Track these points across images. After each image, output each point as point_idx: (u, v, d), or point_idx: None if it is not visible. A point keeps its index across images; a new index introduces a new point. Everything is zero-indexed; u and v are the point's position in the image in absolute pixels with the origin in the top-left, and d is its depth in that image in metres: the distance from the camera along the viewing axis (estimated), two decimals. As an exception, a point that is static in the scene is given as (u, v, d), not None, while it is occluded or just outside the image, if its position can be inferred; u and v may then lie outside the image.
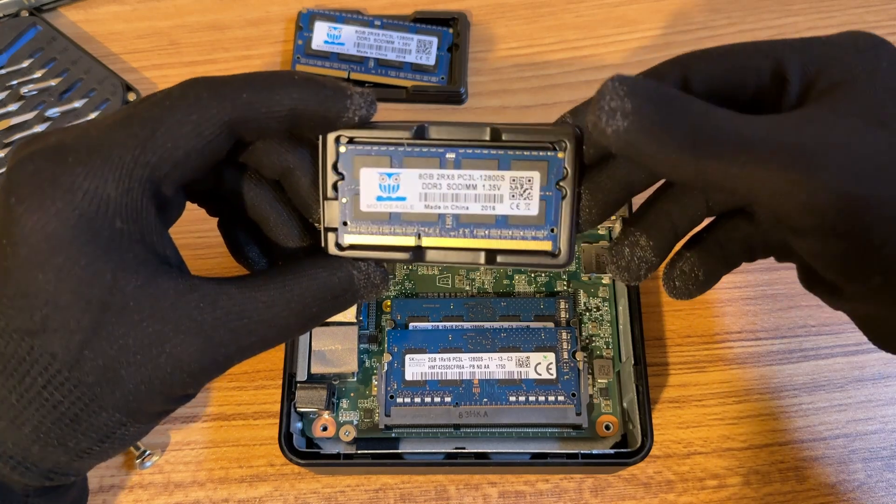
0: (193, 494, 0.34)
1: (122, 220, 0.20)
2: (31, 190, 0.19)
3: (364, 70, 0.42)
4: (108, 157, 0.20)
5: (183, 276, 0.21)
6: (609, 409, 0.34)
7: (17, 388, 0.20)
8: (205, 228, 0.39)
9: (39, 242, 0.19)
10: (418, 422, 0.32)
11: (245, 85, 0.21)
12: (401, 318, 0.34)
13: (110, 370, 0.20)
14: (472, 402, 0.32)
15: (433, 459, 0.32)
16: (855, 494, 0.34)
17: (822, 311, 0.37)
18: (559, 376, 0.33)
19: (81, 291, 0.19)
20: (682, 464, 0.35)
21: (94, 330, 0.20)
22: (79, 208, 0.19)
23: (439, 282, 0.36)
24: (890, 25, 0.43)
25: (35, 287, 0.19)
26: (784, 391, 0.36)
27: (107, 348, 0.20)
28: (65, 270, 0.19)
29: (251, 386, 0.36)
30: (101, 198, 0.20)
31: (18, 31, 0.42)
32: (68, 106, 0.41)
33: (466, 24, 0.43)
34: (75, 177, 0.19)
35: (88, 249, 0.19)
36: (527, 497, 0.34)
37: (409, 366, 0.33)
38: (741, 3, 0.44)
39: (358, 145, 0.23)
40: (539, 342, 0.33)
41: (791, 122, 0.20)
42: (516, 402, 0.32)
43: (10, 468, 0.21)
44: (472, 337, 0.33)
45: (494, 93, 0.42)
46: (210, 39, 0.44)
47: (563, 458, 0.31)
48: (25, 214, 0.19)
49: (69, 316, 0.19)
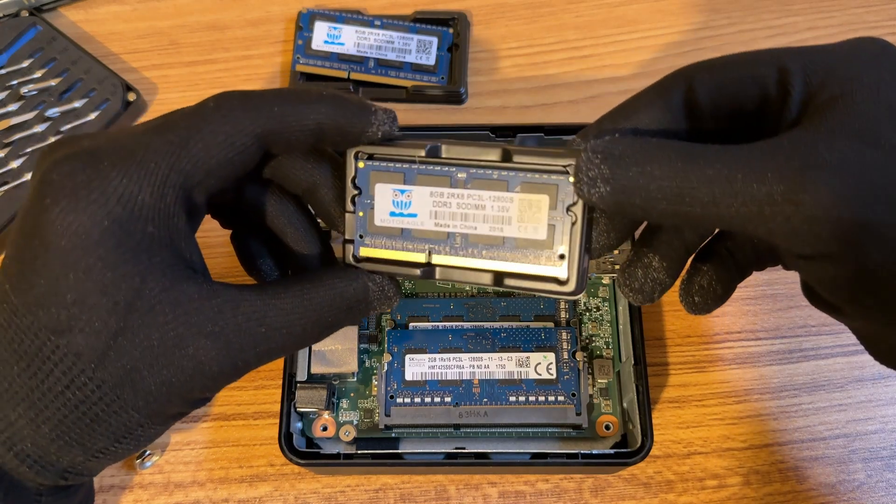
0: (193, 494, 0.34)
1: (153, 225, 0.21)
2: (66, 192, 0.20)
3: (364, 70, 0.42)
4: (142, 163, 0.20)
5: (206, 281, 0.22)
6: (609, 409, 0.34)
7: (40, 386, 0.20)
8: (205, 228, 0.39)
9: (72, 243, 0.20)
10: (418, 422, 0.32)
11: (276, 99, 0.22)
12: (401, 317, 0.34)
13: (133, 371, 0.20)
14: (472, 402, 0.32)
15: (433, 459, 0.32)
16: (855, 494, 0.34)
17: (821, 312, 0.37)
18: (559, 376, 0.33)
19: (110, 293, 0.20)
20: (682, 464, 0.35)
21: (120, 331, 0.20)
22: (112, 212, 0.20)
23: (438, 282, 0.36)
24: (890, 25, 0.43)
25: (65, 287, 0.20)
26: (784, 391, 0.36)
27: (131, 349, 0.20)
28: (95, 271, 0.20)
29: (251, 386, 0.36)
30: (134, 202, 0.20)
31: (18, 31, 0.42)
32: (68, 106, 0.41)
33: (466, 24, 0.43)
34: (110, 181, 0.20)
35: (119, 252, 0.20)
36: (527, 497, 0.34)
37: (409, 366, 0.33)
38: (741, 3, 0.44)
39: (375, 161, 0.23)
40: (539, 342, 0.33)
41: (783, 150, 0.20)
42: (516, 402, 0.32)
43: (27, 466, 0.21)
44: (471, 337, 0.33)
45: (494, 93, 0.42)
46: (210, 39, 0.44)
47: (563, 458, 0.31)
48: (60, 216, 0.20)
49: (96, 316, 0.20)
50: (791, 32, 0.43)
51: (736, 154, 0.20)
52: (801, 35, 0.43)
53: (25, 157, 0.40)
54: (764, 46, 0.45)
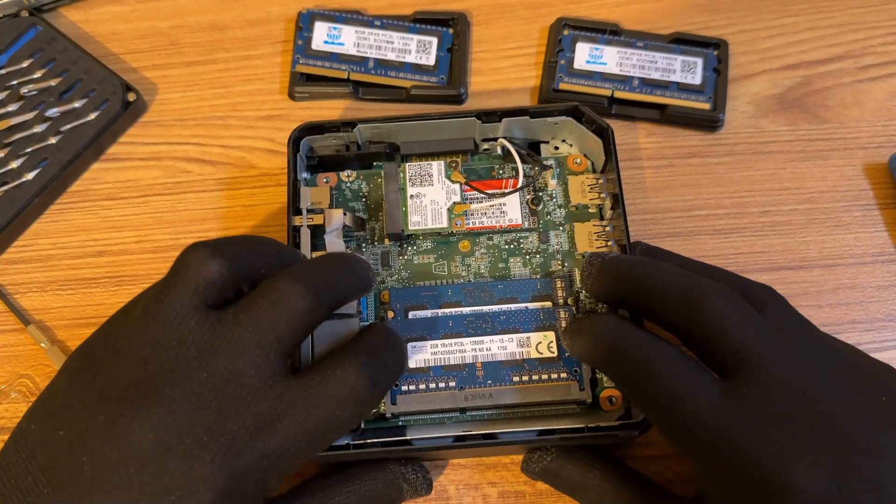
0: (193, 494, 0.34)
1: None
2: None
3: (364, 70, 0.42)
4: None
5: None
6: (611, 384, 0.34)
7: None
8: (203, 229, 0.39)
9: None
10: (424, 408, 0.32)
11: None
12: (399, 307, 0.34)
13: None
14: (476, 385, 0.33)
15: (442, 444, 0.32)
16: (854, 494, 0.34)
17: (821, 311, 0.37)
18: (560, 353, 0.33)
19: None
20: (683, 464, 0.35)
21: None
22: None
23: (435, 269, 0.36)
24: (890, 25, 0.43)
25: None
26: (784, 391, 0.36)
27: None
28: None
29: (251, 386, 0.36)
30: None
31: (18, 31, 0.42)
32: (68, 106, 0.41)
33: (466, 24, 0.43)
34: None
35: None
36: (527, 497, 0.34)
37: (412, 353, 0.33)
38: (741, 3, 0.44)
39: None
40: (538, 322, 0.34)
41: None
42: (520, 381, 0.32)
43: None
44: (471, 321, 0.34)
45: (494, 93, 0.42)
46: (210, 39, 0.44)
47: (570, 432, 0.31)
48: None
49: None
50: (791, 32, 0.43)
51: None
52: (800, 35, 0.43)
53: (25, 157, 0.40)
54: (764, 47, 0.45)
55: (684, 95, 0.41)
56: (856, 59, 0.42)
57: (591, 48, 0.42)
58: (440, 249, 0.36)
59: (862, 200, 0.39)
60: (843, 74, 0.42)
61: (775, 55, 0.43)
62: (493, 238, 0.36)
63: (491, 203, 0.36)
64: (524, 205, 0.36)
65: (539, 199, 0.37)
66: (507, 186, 0.37)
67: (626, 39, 0.42)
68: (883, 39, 0.43)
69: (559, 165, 0.38)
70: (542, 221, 0.37)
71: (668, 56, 0.42)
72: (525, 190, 0.37)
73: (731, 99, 0.41)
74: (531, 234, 0.36)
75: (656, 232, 0.39)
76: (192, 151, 0.42)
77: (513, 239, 0.36)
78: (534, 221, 0.36)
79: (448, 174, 0.36)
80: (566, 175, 0.37)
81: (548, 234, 0.36)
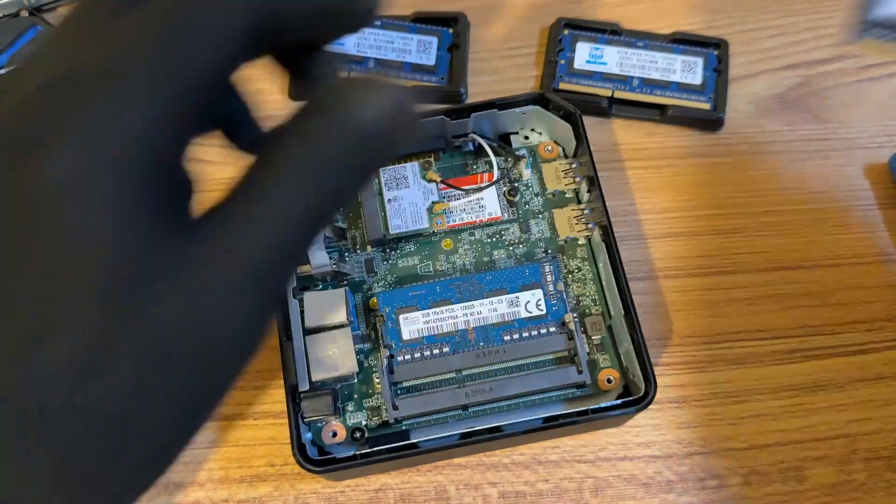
0: (193, 494, 0.34)
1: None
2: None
3: (364, 70, 0.42)
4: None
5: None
6: (608, 363, 0.34)
7: None
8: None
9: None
10: (426, 409, 0.32)
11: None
12: (389, 310, 0.34)
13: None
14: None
15: (449, 443, 0.32)
16: (855, 494, 0.34)
17: (821, 311, 0.37)
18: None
19: None
20: (682, 464, 0.35)
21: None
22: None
23: (421, 270, 0.36)
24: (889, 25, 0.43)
25: None
26: (784, 391, 0.36)
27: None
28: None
29: (251, 386, 0.36)
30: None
31: (18, 31, 0.42)
32: (68, 106, 0.41)
33: (466, 24, 0.43)
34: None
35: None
36: (527, 497, 0.34)
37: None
38: (741, 2, 0.44)
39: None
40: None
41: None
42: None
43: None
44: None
45: (494, 93, 0.42)
46: (210, 39, 0.44)
47: (574, 416, 0.31)
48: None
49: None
50: (791, 32, 0.43)
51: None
52: (800, 35, 0.43)
53: (25, 158, 0.40)
54: (764, 47, 0.45)
55: (684, 95, 0.41)
56: (856, 59, 0.42)
57: (591, 48, 0.42)
58: (424, 250, 0.36)
59: (862, 200, 0.39)
60: (843, 74, 0.42)
61: (775, 55, 0.43)
62: (475, 233, 0.37)
63: (469, 199, 0.37)
64: (502, 197, 0.37)
65: (516, 190, 0.37)
66: (483, 181, 0.37)
67: (626, 39, 0.42)
68: (883, 39, 0.43)
69: (531, 154, 0.38)
70: (521, 212, 0.37)
71: (669, 56, 0.42)
72: (501, 182, 0.37)
73: (731, 99, 0.41)
74: (512, 226, 0.37)
75: (656, 232, 0.39)
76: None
77: (494, 232, 0.37)
78: (513, 212, 0.37)
79: (423, 174, 0.37)
80: (539, 163, 0.38)
81: (528, 223, 0.37)
